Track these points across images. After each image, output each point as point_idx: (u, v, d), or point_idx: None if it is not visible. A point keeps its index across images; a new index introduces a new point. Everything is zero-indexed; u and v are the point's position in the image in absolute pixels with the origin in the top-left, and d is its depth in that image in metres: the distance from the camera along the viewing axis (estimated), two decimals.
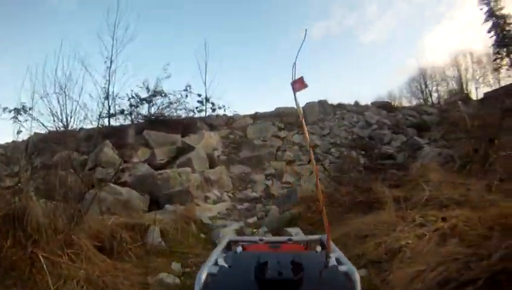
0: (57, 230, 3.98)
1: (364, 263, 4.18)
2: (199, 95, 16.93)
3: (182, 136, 12.97)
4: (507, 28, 18.86)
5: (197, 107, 16.61)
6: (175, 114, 15.32)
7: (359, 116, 16.03)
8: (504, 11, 18.90)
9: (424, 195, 5.72)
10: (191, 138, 12.84)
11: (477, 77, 18.84)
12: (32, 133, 10.17)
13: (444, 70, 21.57)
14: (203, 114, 16.72)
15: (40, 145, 9.07)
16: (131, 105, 15.24)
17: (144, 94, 15.12)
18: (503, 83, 16.69)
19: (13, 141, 10.07)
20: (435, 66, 21.55)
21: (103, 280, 3.71)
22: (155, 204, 8.63)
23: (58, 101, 11.71)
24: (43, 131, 11.65)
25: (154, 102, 15.33)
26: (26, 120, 10.73)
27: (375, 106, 17.20)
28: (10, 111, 11.07)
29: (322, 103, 16.52)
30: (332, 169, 11.05)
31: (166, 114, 15.11)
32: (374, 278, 3.78)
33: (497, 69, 18.20)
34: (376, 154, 10.49)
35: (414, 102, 18.76)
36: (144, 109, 15.27)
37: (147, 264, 4.66)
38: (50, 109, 11.58)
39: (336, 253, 1.61)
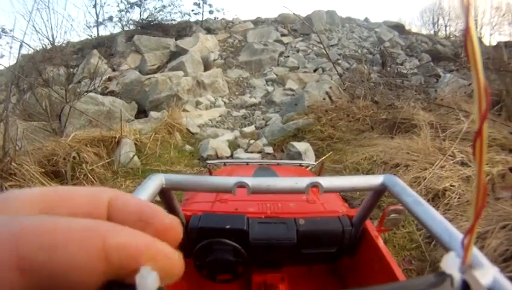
0: None
1: None
2: None
3: (176, 41, 11.86)
4: None
5: (193, 10, 15.20)
6: (169, 18, 14.24)
7: (370, 32, 14.65)
8: None
9: (461, 126, 4.70)
10: (185, 41, 11.74)
11: (493, 24, 16.91)
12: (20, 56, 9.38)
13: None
14: (199, 18, 15.30)
15: (28, 67, 8.34)
16: (120, 10, 14.38)
17: None
18: None
19: None
20: (452, 1, 19.56)
21: None
22: (143, 113, 7.95)
23: (42, 17, 10.73)
24: (30, 52, 10.93)
25: (145, 6, 14.29)
26: (7, 43, 9.92)
27: (386, 25, 15.57)
28: None
29: (331, 13, 14.99)
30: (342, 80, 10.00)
31: (159, 18, 13.86)
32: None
33: None
34: (390, 72, 9.32)
35: (424, 32, 17.06)
36: (134, 15, 14.05)
37: None
38: (33, 26, 10.63)
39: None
